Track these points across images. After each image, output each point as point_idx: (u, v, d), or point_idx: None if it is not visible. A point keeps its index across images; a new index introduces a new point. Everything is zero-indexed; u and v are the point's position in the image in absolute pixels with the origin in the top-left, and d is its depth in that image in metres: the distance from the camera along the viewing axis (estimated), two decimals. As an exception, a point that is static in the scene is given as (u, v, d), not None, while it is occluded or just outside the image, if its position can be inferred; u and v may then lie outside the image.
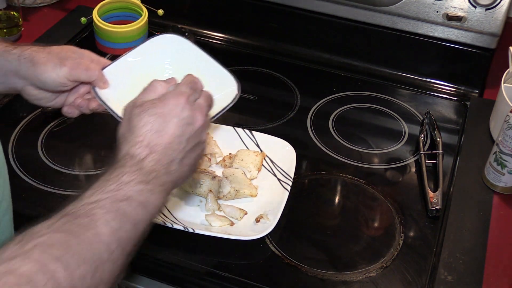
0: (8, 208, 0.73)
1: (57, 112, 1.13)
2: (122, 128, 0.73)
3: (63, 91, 0.88)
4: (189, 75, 0.80)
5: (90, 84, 0.86)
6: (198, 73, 0.90)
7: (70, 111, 0.90)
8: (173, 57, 0.93)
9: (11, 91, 0.88)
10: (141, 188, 0.65)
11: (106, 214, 0.60)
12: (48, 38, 1.31)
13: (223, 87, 0.90)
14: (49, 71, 0.82)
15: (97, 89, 0.87)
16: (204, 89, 0.81)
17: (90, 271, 0.56)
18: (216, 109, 0.87)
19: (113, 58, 0.91)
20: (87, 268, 0.56)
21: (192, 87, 0.76)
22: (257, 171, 1.01)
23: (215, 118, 0.86)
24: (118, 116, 0.84)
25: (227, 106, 0.87)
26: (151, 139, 0.69)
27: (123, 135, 0.72)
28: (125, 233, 0.61)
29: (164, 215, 0.91)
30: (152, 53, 0.93)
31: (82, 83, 0.87)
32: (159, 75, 0.89)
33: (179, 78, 0.85)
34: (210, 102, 0.79)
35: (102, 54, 1.13)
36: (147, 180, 0.66)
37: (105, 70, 0.88)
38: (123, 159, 0.68)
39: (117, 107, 0.84)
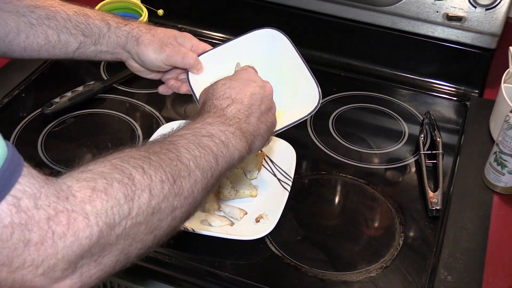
0: None
1: (57, 112, 1.14)
2: (203, 97, 0.81)
3: (160, 71, 0.96)
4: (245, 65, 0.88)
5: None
6: (285, 76, 0.95)
7: (165, 91, 0.99)
8: (267, 54, 0.97)
9: (116, 60, 0.96)
10: (224, 129, 0.71)
11: (188, 143, 0.66)
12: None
13: (304, 96, 0.94)
14: (150, 53, 0.91)
15: (190, 75, 0.94)
16: (286, 94, 0.94)
17: (168, 181, 0.60)
18: (291, 118, 0.91)
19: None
20: (165, 177, 0.60)
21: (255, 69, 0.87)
22: (257, 171, 1.01)
23: (286, 128, 0.90)
24: (198, 103, 0.90)
25: (301, 119, 0.91)
26: (231, 93, 0.78)
27: (205, 100, 0.79)
28: (206, 162, 0.66)
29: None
30: (249, 45, 0.97)
31: (177, 67, 0.94)
32: None
33: (267, 75, 0.92)
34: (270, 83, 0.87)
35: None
36: (230, 123, 0.73)
37: (201, 57, 0.94)
38: (208, 108, 0.76)
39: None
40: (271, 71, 0.98)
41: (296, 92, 0.96)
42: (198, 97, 0.89)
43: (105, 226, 0.53)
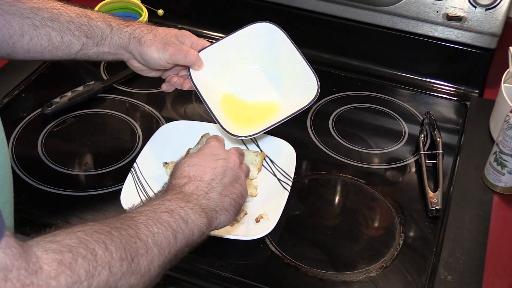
0: (6, 202, 0.74)
1: (57, 112, 1.14)
2: (169, 178, 0.81)
3: (161, 70, 0.99)
4: (214, 136, 0.91)
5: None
6: (283, 68, 0.99)
7: (168, 88, 1.01)
8: (264, 46, 1.01)
9: (118, 60, 0.98)
10: (183, 205, 0.71)
11: (148, 220, 0.66)
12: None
13: (302, 87, 0.97)
14: (153, 52, 0.93)
15: (191, 71, 0.97)
16: (285, 86, 0.98)
17: (127, 259, 0.60)
18: (290, 109, 0.95)
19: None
20: (125, 255, 0.60)
21: (217, 138, 0.88)
22: (257, 171, 1.01)
23: (289, 118, 0.94)
24: (204, 100, 0.95)
25: (301, 108, 0.94)
26: (190, 171, 0.78)
27: (169, 179, 0.80)
28: (164, 238, 0.66)
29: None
30: (246, 39, 1.00)
31: (180, 65, 0.97)
32: (245, 63, 1.02)
33: (265, 67, 0.99)
34: (240, 151, 0.88)
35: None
36: (188, 200, 0.73)
37: (201, 53, 0.97)
38: (167, 188, 0.76)
39: (205, 89, 0.94)
40: (268, 64, 1.02)
41: (294, 84, 0.99)
42: (201, 92, 0.94)
43: None
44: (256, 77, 1.04)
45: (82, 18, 0.93)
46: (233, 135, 0.94)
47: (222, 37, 1.02)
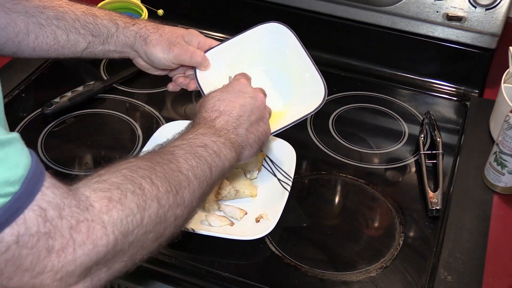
0: None
1: (57, 112, 1.14)
2: (197, 109, 0.83)
3: (167, 70, 0.99)
4: (242, 73, 0.90)
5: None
6: (291, 70, 0.97)
7: (174, 88, 1.01)
8: (272, 48, 0.99)
9: (124, 58, 0.98)
10: (215, 140, 0.75)
11: (186, 154, 0.69)
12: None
13: (309, 91, 0.95)
14: (158, 53, 0.93)
15: (198, 72, 0.96)
16: (291, 89, 0.97)
17: (172, 191, 0.64)
18: (297, 114, 0.93)
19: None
20: (169, 188, 0.63)
21: (245, 76, 0.89)
22: (257, 171, 1.01)
23: (292, 125, 0.92)
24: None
25: (307, 114, 0.93)
26: (220, 106, 0.81)
27: (197, 111, 0.83)
28: (202, 172, 0.69)
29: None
30: (254, 40, 0.99)
31: (185, 65, 0.97)
32: (252, 65, 0.99)
33: (272, 69, 0.97)
34: (264, 92, 0.89)
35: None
36: (219, 134, 0.76)
37: (207, 54, 0.96)
38: (198, 121, 0.79)
39: (209, 90, 0.91)
40: (276, 66, 1.00)
41: (301, 87, 0.97)
42: (206, 94, 0.91)
43: (120, 235, 0.56)
44: (263, 79, 1.01)
45: (88, 17, 0.93)
46: None
47: (224, 37, 1.01)
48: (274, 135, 0.95)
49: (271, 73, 1.01)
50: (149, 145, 1.02)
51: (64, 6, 0.93)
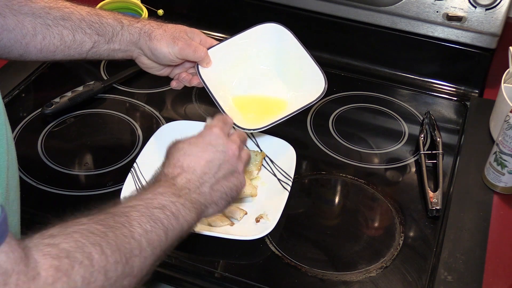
0: (14, 200, 0.74)
1: (57, 112, 1.14)
2: (164, 159, 0.80)
3: (171, 65, 0.99)
4: (219, 116, 0.88)
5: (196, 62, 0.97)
6: (291, 67, 1.03)
7: (177, 85, 1.02)
8: (272, 46, 1.03)
9: (127, 58, 0.98)
10: (174, 200, 0.71)
11: (141, 216, 0.66)
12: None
13: (309, 85, 0.99)
14: (163, 47, 0.93)
15: (200, 68, 0.97)
16: (292, 83, 0.99)
17: (122, 261, 0.60)
18: (299, 104, 0.97)
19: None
20: (119, 258, 0.60)
21: (223, 121, 0.85)
22: (257, 171, 1.01)
23: (294, 114, 0.96)
24: (212, 95, 0.95)
25: (310, 103, 0.96)
26: (184, 161, 0.76)
27: (163, 162, 0.79)
28: (156, 236, 0.66)
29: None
30: (255, 38, 1.02)
31: (189, 60, 0.97)
32: (253, 62, 1.03)
33: (273, 65, 1.01)
34: (243, 138, 0.86)
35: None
36: (179, 194, 0.72)
37: (210, 50, 0.98)
38: (159, 177, 0.75)
39: (213, 86, 0.95)
40: (276, 62, 1.04)
41: (302, 81, 1.02)
42: (210, 89, 0.94)
43: None
44: (264, 76, 1.05)
45: (93, 16, 0.94)
46: (241, 128, 0.93)
47: (224, 37, 1.02)
48: (270, 130, 0.97)
49: (272, 70, 1.05)
50: (149, 145, 1.02)
51: (69, 6, 0.93)
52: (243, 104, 1.02)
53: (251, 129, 0.95)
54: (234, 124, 0.93)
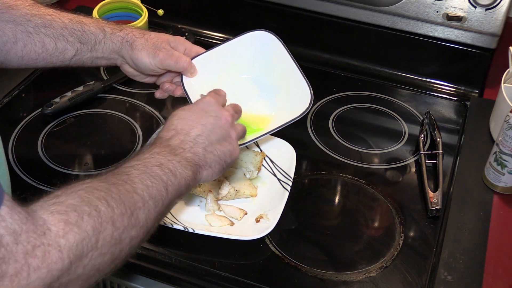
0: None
1: (57, 112, 1.14)
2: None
3: (154, 75, 0.98)
4: (214, 89, 0.89)
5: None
6: (278, 77, 0.97)
7: (161, 95, 1.01)
8: (259, 55, 0.99)
9: (112, 65, 0.98)
10: (170, 158, 0.73)
11: (141, 174, 0.69)
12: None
13: (296, 97, 0.95)
14: (143, 57, 0.92)
15: (184, 78, 0.95)
16: (278, 96, 0.97)
17: (127, 213, 0.63)
18: (283, 119, 0.93)
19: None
20: (125, 210, 0.63)
21: (217, 92, 0.88)
22: (257, 171, 1.01)
23: (278, 129, 0.93)
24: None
25: (292, 120, 0.93)
26: (178, 124, 0.79)
27: (160, 129, 0.82)
28: (157, 191, 0.69)
29: (164, 215, 0.91)
30: (241, 48, 0.99)
31: (171, 71, 0.97)
32: (239, 72, 1.00)
33: (259, 76, 0.96)
34: (237, 109, 0.88)
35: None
36: (175, 153, 0.75)
37: (194, 60, 0.95)
38: (155, 141, 0.78)
39: (196, 97, 0.91)
40: (262, 73, 1.00)
41: (288, 93, 0.98)
42: (192, 100, 0.91)
43: (75, 258, 0.56)
44: (250, 87, 1.01)
45: (76, 24, 0.93)
46: None
47: (223, 38, 1.01)
48: (262, 138, 0.96)
49: (258, 80, 1.01)
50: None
51: (51, 14, 0.92)
52: None
53: None
54: None
